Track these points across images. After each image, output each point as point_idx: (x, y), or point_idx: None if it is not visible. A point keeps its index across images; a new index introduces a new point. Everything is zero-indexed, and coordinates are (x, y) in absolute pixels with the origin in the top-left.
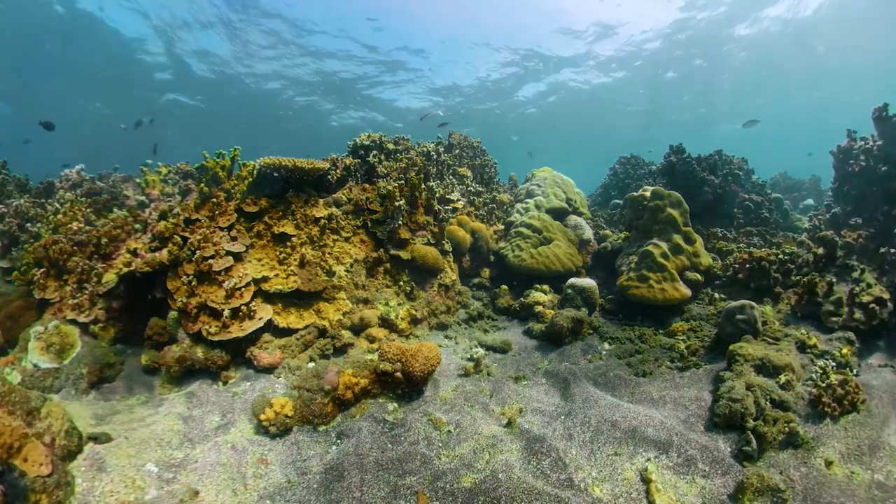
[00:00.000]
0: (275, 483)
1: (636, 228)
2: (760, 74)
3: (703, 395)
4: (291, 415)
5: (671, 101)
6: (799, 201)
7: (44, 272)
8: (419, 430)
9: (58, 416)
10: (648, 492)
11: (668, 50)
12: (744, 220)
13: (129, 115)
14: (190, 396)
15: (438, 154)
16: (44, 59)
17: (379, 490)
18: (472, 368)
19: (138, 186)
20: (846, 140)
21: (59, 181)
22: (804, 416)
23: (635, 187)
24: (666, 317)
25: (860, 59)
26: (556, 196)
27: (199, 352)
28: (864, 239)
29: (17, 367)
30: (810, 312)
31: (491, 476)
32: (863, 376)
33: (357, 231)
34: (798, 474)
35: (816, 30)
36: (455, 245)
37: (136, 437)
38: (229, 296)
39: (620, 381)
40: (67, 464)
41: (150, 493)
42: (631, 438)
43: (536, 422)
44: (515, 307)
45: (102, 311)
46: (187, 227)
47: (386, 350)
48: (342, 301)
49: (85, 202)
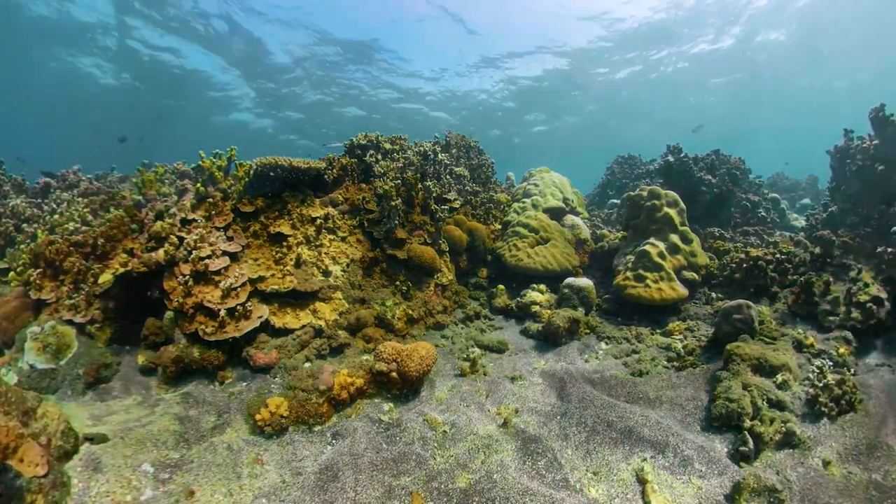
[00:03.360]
0: (270, 483)
1: (633, 228)
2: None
3: (700, 394)
4: (287, 415)
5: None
6: (796, 201)
7: (40, 272)
8: (415, 431)
9: (54, 416)
10: (644, 492)
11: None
12: (741, 219)
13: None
14: (186, 397)
15: (435, 154)
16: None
17: (373, 490)
18: (468, 368)
19: (135, 186)
20: (843, 140)
21: (57, 181)
22: (801, 415)
23: (633, 187)
24: (663, 316)
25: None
26: (553, 196)
27: (195, 352)
28: (862, 238)
29: (13, 368)
30: (807, 312)
31: (486, 476)
32: (860, 376)
33: (353, 231)
34: (795, 474)
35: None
36: (452, 245)
37: (133, 438)
38: (225, 296)
39: (617, 380)
40: (63, 464)
41: (146, 493)
42: (627, 438)
43: (532, 422)
44: (512, 307)
45: (99, 312)
46: (184, 227)
47: (382, 350)
48: (338, 301)
49: (82, 202)
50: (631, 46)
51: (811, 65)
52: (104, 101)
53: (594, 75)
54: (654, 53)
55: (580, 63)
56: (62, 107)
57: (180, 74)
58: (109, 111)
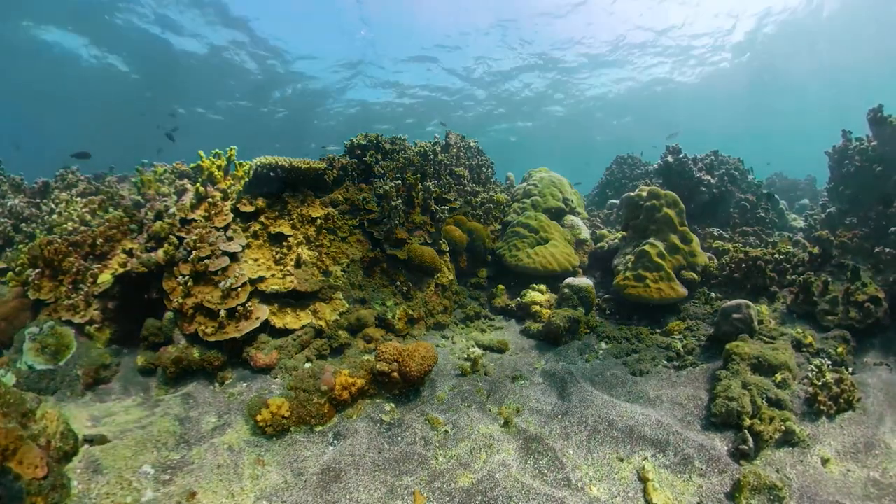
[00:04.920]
0: (271, 484)
1: (633, 228)
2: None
3: (700, 393)
4: (288, 415)
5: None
6: (795, 201)
7: (39, 273)
8: (416, 431)
9: (53, 418)
10: (645, 491)
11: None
12: (740, 219)
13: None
14: (186, 398)
15: (435, 154)
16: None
17: (376, 490)
18: (468, 368)
19: (134, 186)
20: (842, 140)
21: (55, 181)
22: (800, 414)
23: (632, 187)
24: (662, 316)
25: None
26: (552, 196)
27: (195, 353)
28: (860, 238)
29: (11, 369)
30: (806, 311)
31: (488, 476)
32: (858, 374)
33: (354, 231)
34: (794, 472)
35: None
36: (452, 245)
37: (132, 439)
38: (225, 296)
39: (617, 380)
40: (63, 466)
41: (147, 494)
42: (628, 437)
43: (533, 421)
44: (512, 307)
45: (98, 312)
46: (183, 227)
47: (382, 350)
48: (339, 301)
49: (80, 202)
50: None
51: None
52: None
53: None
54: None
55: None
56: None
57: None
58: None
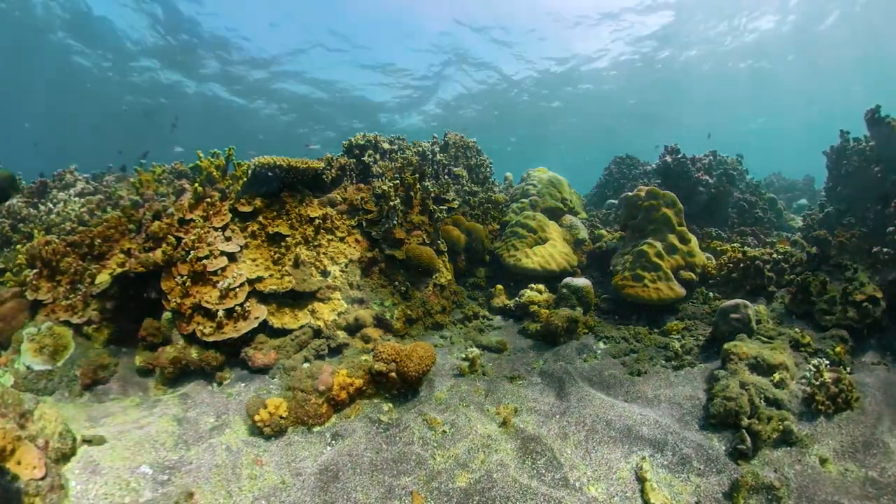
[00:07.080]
0: (270, 484)
1: (631, 228)
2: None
3: (698, 393)
4: (286, 416)
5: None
6: (793, 201)
7: (37, 273)
8: (414, 431)
9: (51, 418)
10: (643, 490)
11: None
12: (738, 219)
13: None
14: (184, 398)
15: (434, 154)
16: None
17: (374, 490)
18: (467, 368)
19: (132, 186)
20: (839, 141)
21: (53, 181)
22: (798, 414)
23: (630, 187)
24: (661, 316)
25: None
26: (551, 196)
27: (193, 353)
28: (857, 238)
29: (9, 370)
30: (804, 311)
31: (486, 476)
32: (856, 374)
33: (352, 231)
34: (793, 472)
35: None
36: (450, 245)
37: (131, 439)
38: (223, 296)
39: (615, 380)
40: (61, 466)
41: (145, 495)
42: (626, 437)
43: (531, 421)
44: (511, 307)
45: (96, 312)
46: (181, 227)
47: (381, 350)
48: (337, 301)
49: (78, 202)
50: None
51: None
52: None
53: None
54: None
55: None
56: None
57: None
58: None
